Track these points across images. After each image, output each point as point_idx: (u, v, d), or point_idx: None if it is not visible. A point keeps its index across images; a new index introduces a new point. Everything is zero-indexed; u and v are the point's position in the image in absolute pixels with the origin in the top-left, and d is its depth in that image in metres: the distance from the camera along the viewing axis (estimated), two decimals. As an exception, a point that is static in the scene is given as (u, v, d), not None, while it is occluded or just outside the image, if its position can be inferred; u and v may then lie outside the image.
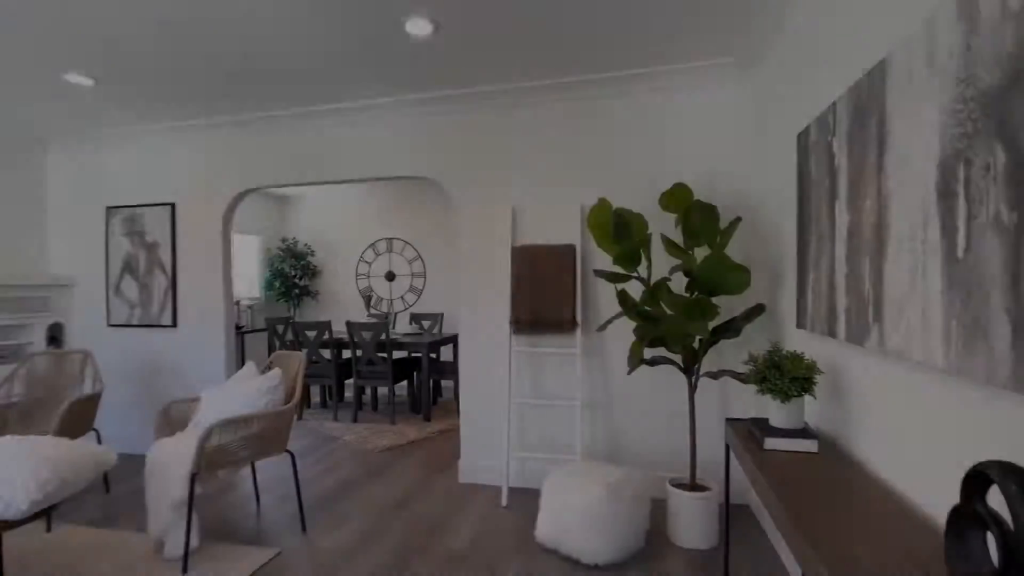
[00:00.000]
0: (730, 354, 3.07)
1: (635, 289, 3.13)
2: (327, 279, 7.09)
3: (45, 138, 4.30)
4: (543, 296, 3.19)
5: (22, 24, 2.44)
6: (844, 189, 1.64)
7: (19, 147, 4.23)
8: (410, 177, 3.63)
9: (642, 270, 3.07)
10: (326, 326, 5.03)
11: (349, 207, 7.02)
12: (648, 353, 3.13)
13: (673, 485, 2.72)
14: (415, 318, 6.05)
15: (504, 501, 3.15)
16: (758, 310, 2.53)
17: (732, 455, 2.88)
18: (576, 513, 2.46)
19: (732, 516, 2.96)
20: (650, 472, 3.19)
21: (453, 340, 5.32)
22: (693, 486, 2.69)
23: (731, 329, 2.56)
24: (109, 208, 4.27)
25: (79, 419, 3.19)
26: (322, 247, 7.10)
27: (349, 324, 4.90)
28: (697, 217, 2.54)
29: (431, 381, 5.00)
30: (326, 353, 5.23)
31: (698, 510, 2.59)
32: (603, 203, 2.69)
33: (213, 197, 4.04)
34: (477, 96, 3.36)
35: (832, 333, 1.74)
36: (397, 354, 6.33)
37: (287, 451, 2.91)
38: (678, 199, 2.65)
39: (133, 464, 3.93)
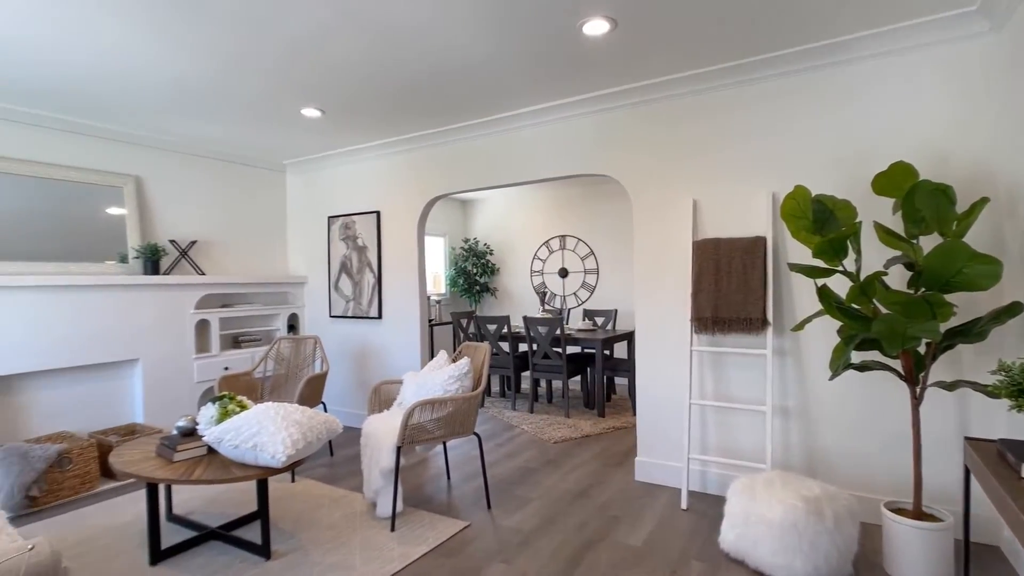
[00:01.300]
0: (970, 362, 2.56)
1: (839, 285, 2.78)
2: (504, 276, 7.51)
3: (285, 162, 5.24)
4: (728, 292, 2.99)
5: (273, 70, 3.00)
6: None
7: (268, 171, 5.21)
8: (586, 175, 3.68)
9: (849, 263, 2.72)
10: (505, 320, 5.34)
11: (524, 207, 7.34)
12: (856, 357, 2.76)
13: (891, 510, 2.36)
14: (588, 314, 6.10)
15: (684, 504, 3.03)
16: (1013, 309, 2.07)
17: (973, 481, 2.40)
18: (768, 526, 2.28)
19: (974, 556, 2.47)
20: (857, 492, 2.82)
21: (628, 337, 5.26)
22: (918, 514, 2.31)
23: (973, 332, 2.14)
24: (330, 217, 5.06)
25: (312, 393, 3.84)
26: (500, 246, 7.54)
27: (526, 319, 5.13)
28: (924, 200, 2.17)
29: (604, 377, 5.01)
30: (504, 346, 5.55)
31: (926, 543, 2.22)
32: (800, 190, 2.44)
33: (409, 204, 4.54)
34: (652, 88, 3.27)
35: None
36: (571, 349, 6.46)
37: (474, 433, 3.16)
38: (897, 180, 2.29)
39: (349, 434, 4.61)
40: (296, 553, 2.60)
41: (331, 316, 5.07)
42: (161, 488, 3.20)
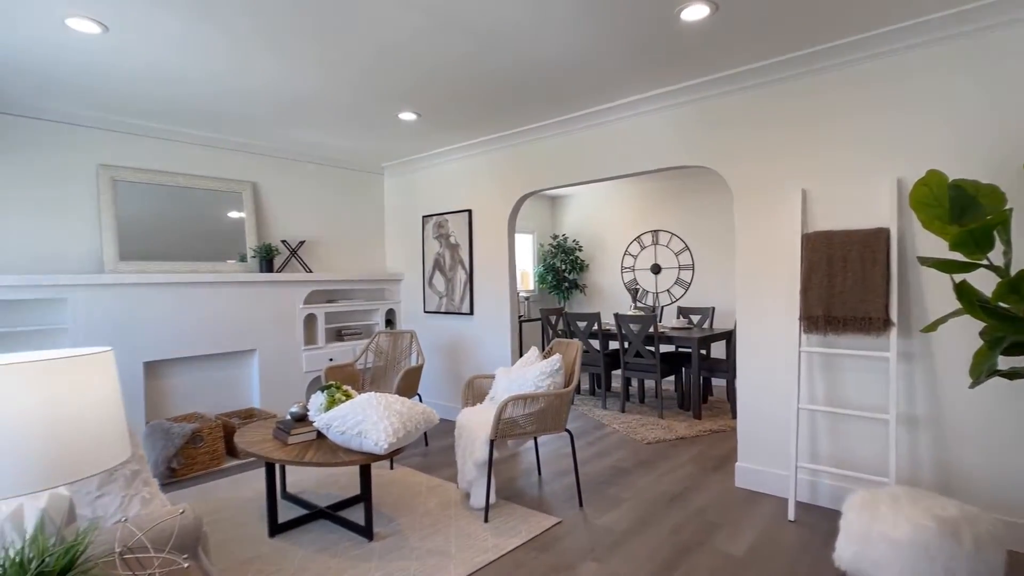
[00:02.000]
0: None
1: (981, 281, 2.46)
2: (594, 273, 7.42)
3: (383, 165, 5.50)
4: (843, 289, 2.75)
5: (373, 78, 3.15)
6: None
7: (368, 174, 5.50)
8: (683, 167, 3.53)
9: (995, 256, 2.40)
10: (595, 318, 5.27)
11: (615, 202, 7.21)
12: (1004, 363, 2.44)
13: (1046, 538, 2.06)
14: (683, 312, 5.88)
15: (791, 515, 2.83)
16: None
17: None
18: (894, 546, 2.06)
19: None
20: (1004, 516, 2.48)
21: (726, 336, 5.00)
22: (1082, 545, 1.99)
23: None
24: (424, 216, 5.24)
25: (408, 385, 4.01)
26: (589, 242, 7.46)
27: (617, 316, 5.03)
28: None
29: (701, 378, 4.80)
30: (594, 343, 5.48)
31: (1092, 579, 1.91)
32: (934, 176, 2.18)
33: (500, 202, 4.60)
34: (755, 72, 3.07)
35: None
36: (664, 348, 6.25)
37: (566, 430, 3.14)
38: (1058, 159, 1.98)
39: (442, 425, 4.76)
40: (396, 536, 2.72)
41: (425, 311, 5.25)
42: (276, 468, 3.48)
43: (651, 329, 4.88)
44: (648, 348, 5.13)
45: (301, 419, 2.92)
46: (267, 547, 2.64)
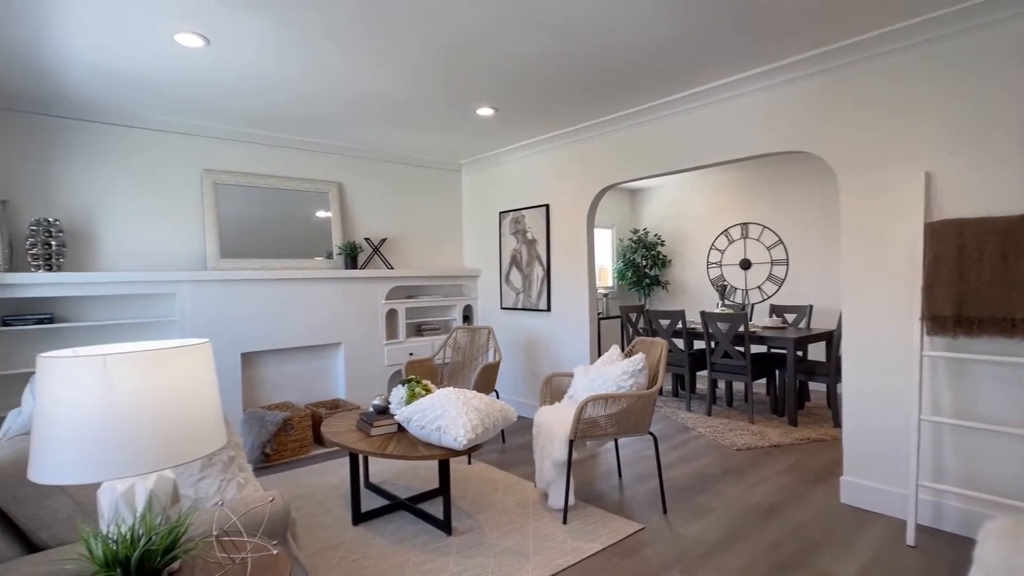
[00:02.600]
0: None
1: None
2: (677, 268, 7.11)
3: (461, 162, 5.54)
4: (979, 286, 2.40)
5: (451, 74, 3.14)
6: None
7: (446, 171, 5.56)
8: (780, 153, 3.25)
9: None
10: (679, 315, 5.02)
11: (700, 193, 6.86)
12: None
13: None
14: (776, 310, 5.48)
15: (910, 539, 2.52)
16: None
17: None
18: (1047, 585, 1.76)
19: None
20: None
21: (827, 337, 4.59)
22: None
23: None
24: (501, 212, 5.22)
25: (486, 381, 3.99)
26: (672, 236, 7.15)
27: (704, 314, 4.76)
28: None
29: (797, 381, 4.43)
30: (678, 342, 5.23)
31: None
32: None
33: (578, 196, 4.48)
34: (865, 44, 2.75)
35: None
36: (755, 349, 5.87)
37: (649, 433, 2.99)
38: None
39: (520, 422, 4.72)
40: (474, 533, 2.69)
41: (502, 308, 5.24)
42: (360, 458, 3.58)
43: (741, 328, 4.57)
44: (737, 348, 4.82)
45: (383, 412, 2.97)
46: (350, 535, 2.70)
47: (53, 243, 3.30)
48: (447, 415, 2.54)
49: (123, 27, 2.48)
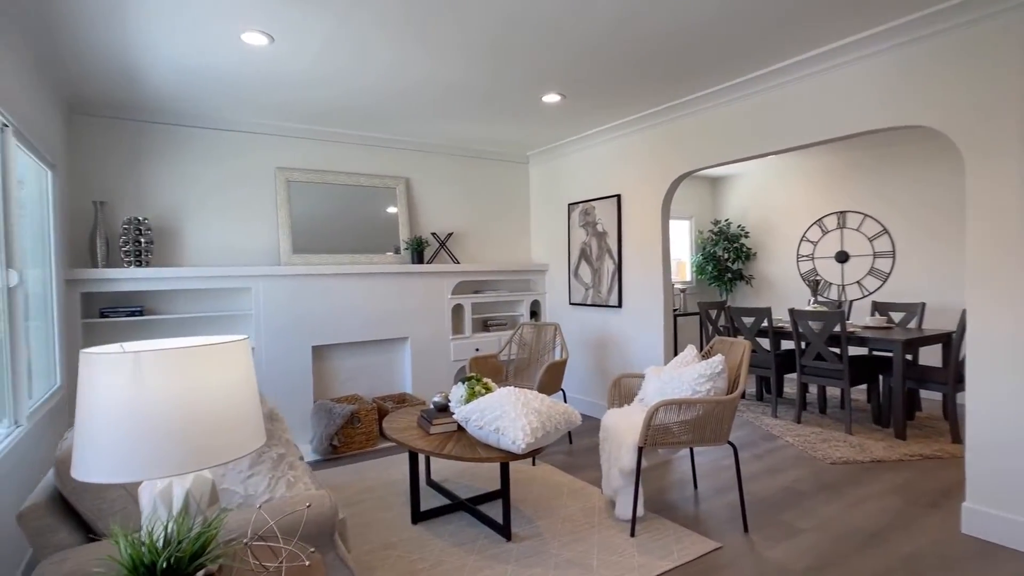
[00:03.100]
0: None
1: None
2: (763, 262, 6.58)
3: (528, 154, 5.39)
4: None
5: (516, 60, 2.99)
6: None
7: (513, 164, 5.43)
8: (891, 129, 2.83)
9: None
10: (765, 313, 4.61)
11: (788, 180, 6.30)
12: None
13: None
14: (879, 308, 4.91)
15: (1055, 585, 2.10)
16: None
17: None
18: None
19: None
20: None
21: (944, 339, 4.03)
22: None
23: None
24: (569, 204, 5.02)
25: (551, 380, 3.83)
26: (757, 227, 6.63)
27: (793, 312, 4.33)
28: None
29: (905, 389, 3.91)
30: (763, 342, 4.80)
31: None
32: None
33: (652, 185, 4.20)
34: (1005, -13, 2.31)
35: None
36: (854, 351, 5.32)
37: (729, 443, 2.71)
38: None
39: (588, 423, 4.52)
40: (534, 540, 2.55)
41: (570, 303, 5.05)
42: (420, 455, 3.54)
43: (837, 328, 4.10)
44: (832, 350, 4.35)
45: (443, 409, 2.89)
46: (408, 533, 2.65)
47: (142, 240, 3.50)
48: (506, 416, 2.41)
49: (193, 30, 2.54)
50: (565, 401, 4.56)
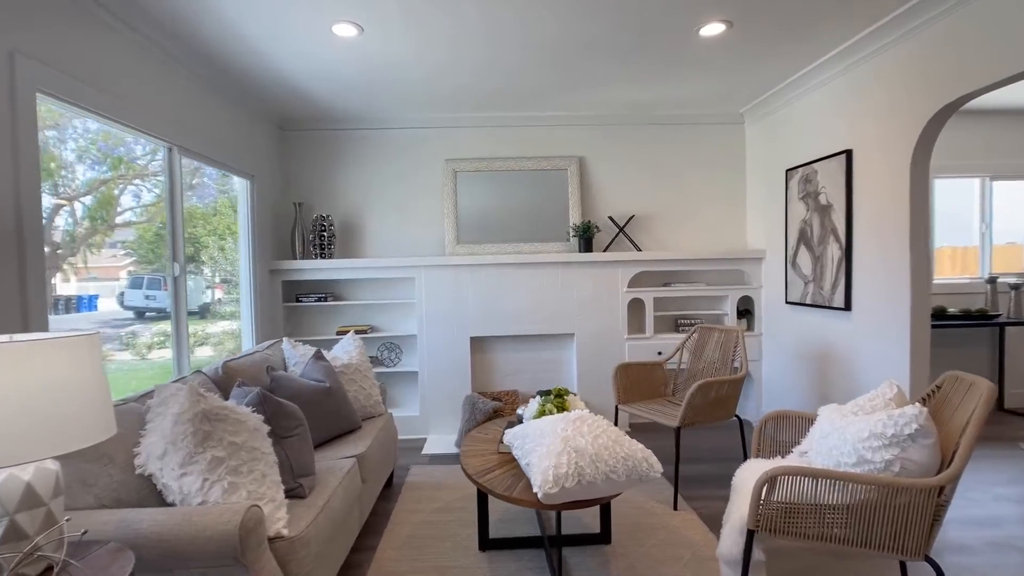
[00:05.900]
0: None
1: None
2: None
3: (741, 111, 4.28)
4: None
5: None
6: None
7: (720, 125, 4.39)
8: None
9: None
10: None
11: None
12: None
13: None
14: None
15: None
16: None
17: None
18: None
19: None
20: None
21: None
22: None
23: None
24: (787, 170, 3.79)
25: (710, 403, 2.93)
26: None
27: None
28: None
29: None
30: None
31: None
32: None
33: (897, 130, 2.81)
34: None
35: None
36: None
37: (927, 559, 1.56)
38: None
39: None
40: (595, 618, 1.94)
41: (787, 302, 3.85)
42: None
43: None
44: None
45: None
46: (466, 561, 2.32)
47: (325, 235, 3.99)
48: (539, 450, 1.87)
49: (289, 25, 2.68)
50: (743, 434, 3.50)
